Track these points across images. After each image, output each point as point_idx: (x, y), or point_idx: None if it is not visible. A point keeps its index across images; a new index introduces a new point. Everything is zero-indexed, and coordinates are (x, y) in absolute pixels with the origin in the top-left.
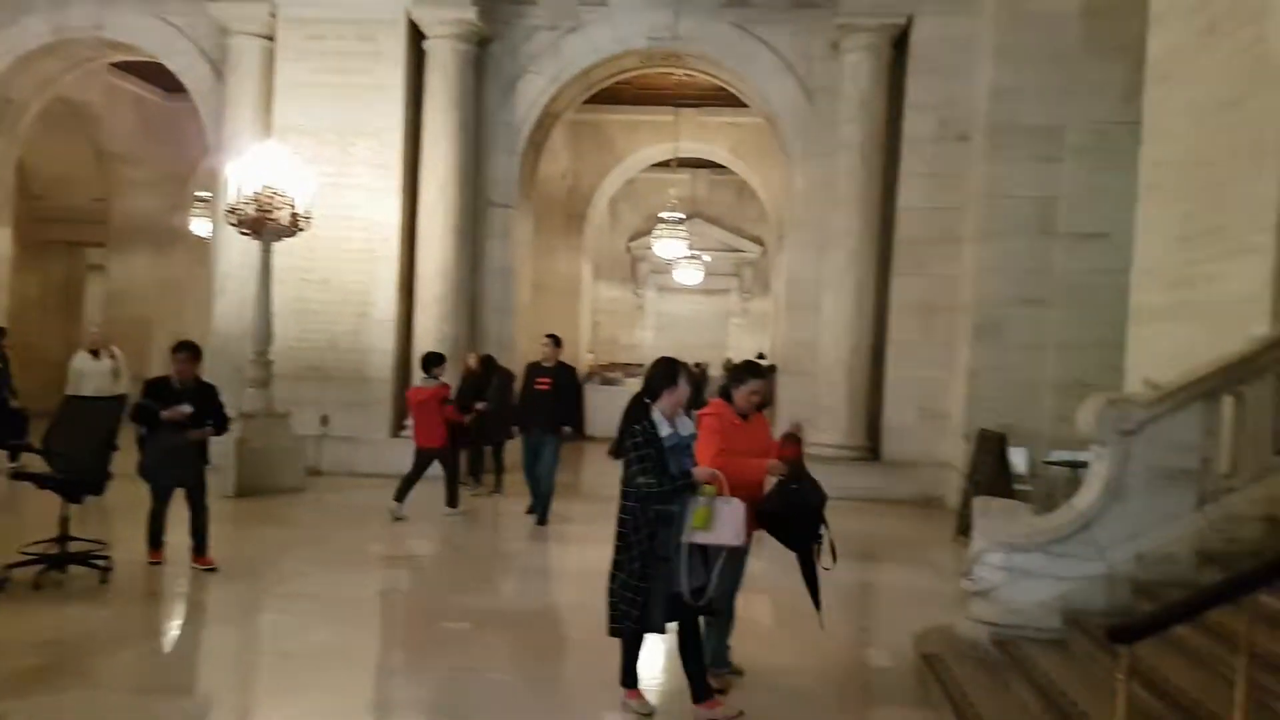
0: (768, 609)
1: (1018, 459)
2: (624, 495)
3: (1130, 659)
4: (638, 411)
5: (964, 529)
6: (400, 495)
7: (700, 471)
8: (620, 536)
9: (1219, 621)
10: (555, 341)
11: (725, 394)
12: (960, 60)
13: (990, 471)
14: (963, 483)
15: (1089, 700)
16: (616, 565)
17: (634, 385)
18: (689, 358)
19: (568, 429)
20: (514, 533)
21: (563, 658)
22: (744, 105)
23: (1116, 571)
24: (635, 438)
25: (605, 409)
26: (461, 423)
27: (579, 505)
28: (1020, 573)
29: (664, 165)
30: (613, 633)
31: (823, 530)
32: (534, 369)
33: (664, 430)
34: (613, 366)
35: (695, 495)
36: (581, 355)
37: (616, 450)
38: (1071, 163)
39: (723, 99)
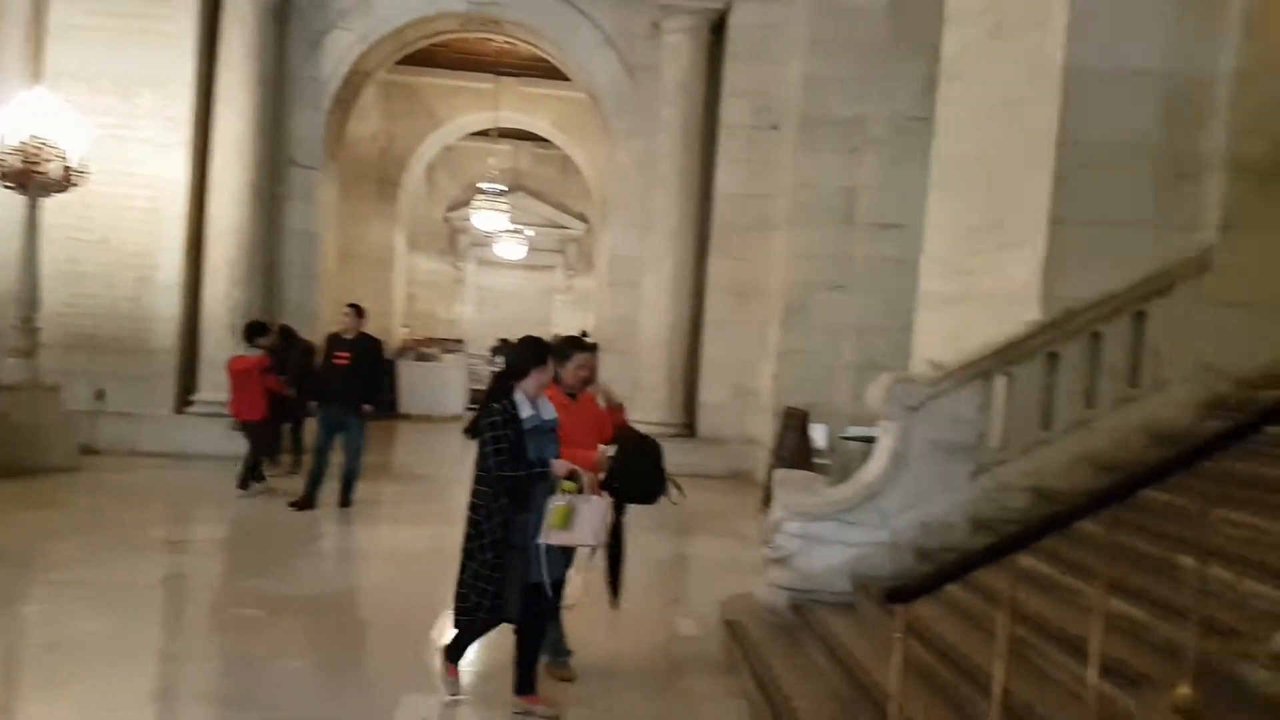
0: (579, 584)
1: (819, 435)
2: (477, 480)
3: (906, 618)
4: (499, 390)
5: (769, 501)
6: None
7: (560, 465)
8: (472, 524)
9: (986, 582)
10: (357, 311)
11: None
12: (775, 48)
13: (794, 447)
14: (770, 458)
15: (873, 659)
16: (468, 554)
17: (452, 361)
18: (513, 335)
19: (368, 407)
20: (313, 515)
21: (362, 643)
22: (567, 78)
23: (900, 538)
24: (493, 417)
25: (420, 386)
26: (284, 394)
27: (388, 486)
28: (814, 540)
29: (484, 134)
30: (459, 624)
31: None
32: (333, 341)
33: (525, 411)
34: (429, 341)
35: (555, 491)
36: (395, 328)
37: (473, 430)
38: (871, 155)
39: (545, 70)
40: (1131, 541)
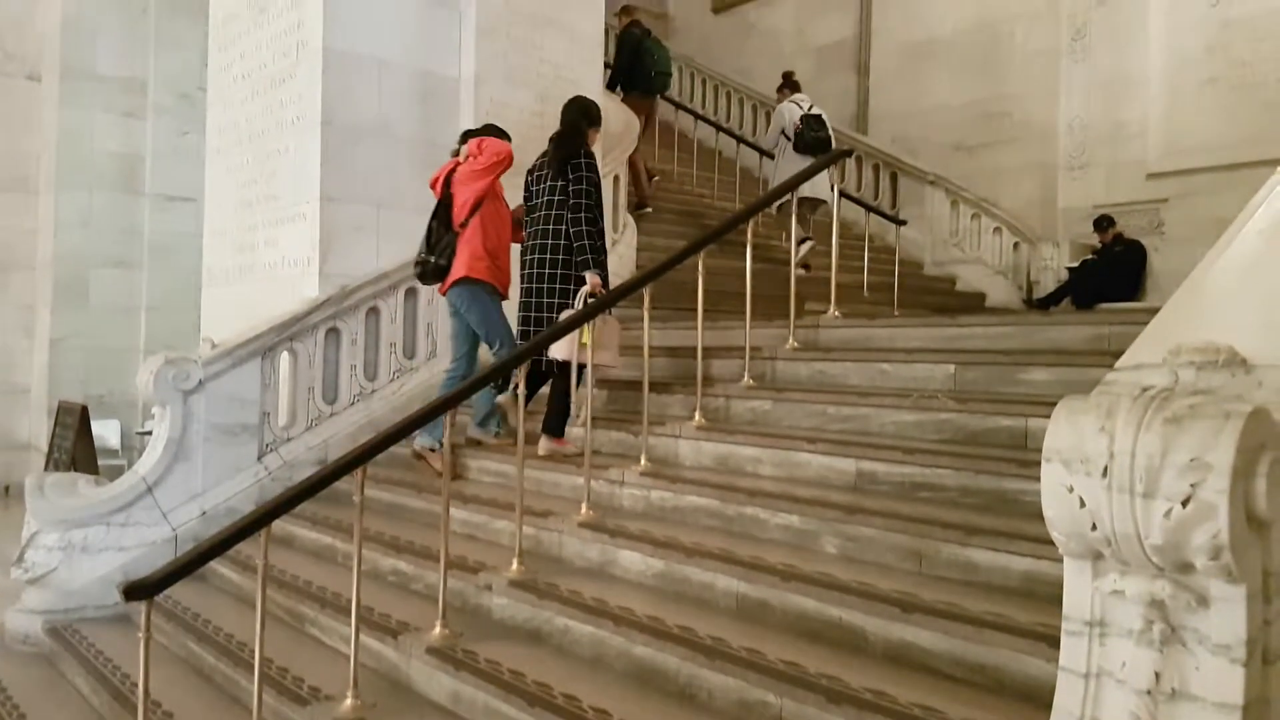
0: None
1: (108, 432)
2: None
3: (150, 613)
4: (574, 137)
5: None
6: None
7: (592, 276)
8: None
9: (247, 554)
10: None
11: None
12: None
13: (73, 448)
14: (47, 464)
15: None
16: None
17: None
18: None
19: None
20: None
21: None
22: None
23: (182, 532)
24: (589, 159)
25: None
26: None
27: None
28: (79, 550)
29: None
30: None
31: None
32: None
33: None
34: None
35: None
36: None
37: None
38: (155, 121)
39: None
40: (395, 498)
